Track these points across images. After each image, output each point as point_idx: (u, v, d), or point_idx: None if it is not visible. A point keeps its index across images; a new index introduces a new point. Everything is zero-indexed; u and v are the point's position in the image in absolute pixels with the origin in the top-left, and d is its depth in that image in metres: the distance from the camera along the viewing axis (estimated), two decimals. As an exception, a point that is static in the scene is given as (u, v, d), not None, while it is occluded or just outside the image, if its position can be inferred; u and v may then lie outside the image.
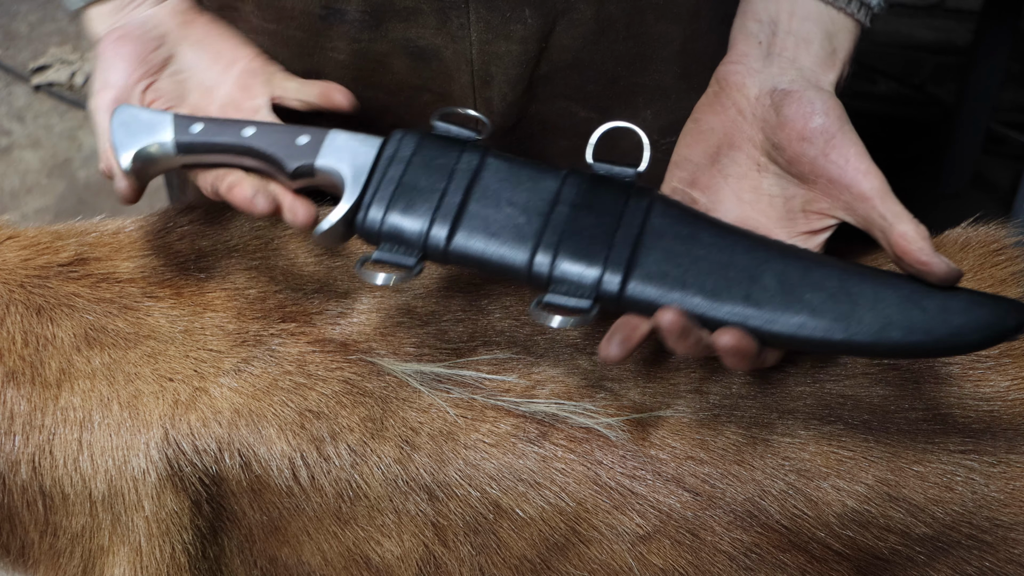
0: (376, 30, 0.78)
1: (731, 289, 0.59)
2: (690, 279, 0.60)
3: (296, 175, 0.66)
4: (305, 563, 0.71)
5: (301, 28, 0.79)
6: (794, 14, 0.66)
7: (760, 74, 0.66)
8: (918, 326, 0.57)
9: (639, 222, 0.62)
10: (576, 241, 0.61)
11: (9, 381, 0.69)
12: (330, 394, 0.68)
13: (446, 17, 0.76)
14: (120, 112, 0.67)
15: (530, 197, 0.63)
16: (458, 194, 0.63)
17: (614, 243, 0.61)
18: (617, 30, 0.79)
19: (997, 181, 2.20)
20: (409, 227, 0.63)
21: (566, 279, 0.61)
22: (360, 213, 0.64)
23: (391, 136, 0.66)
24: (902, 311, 0.58)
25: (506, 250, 0.62)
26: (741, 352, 0.58)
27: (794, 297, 0.59)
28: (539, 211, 0.62)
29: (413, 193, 0.63)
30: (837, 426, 0.67)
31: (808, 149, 0.63)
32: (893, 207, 0.60)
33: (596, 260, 0.61)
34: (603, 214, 0.62)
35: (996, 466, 0.66)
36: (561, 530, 0.67)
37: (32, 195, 2.25)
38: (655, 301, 0.60)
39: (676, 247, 0.61)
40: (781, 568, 0.66)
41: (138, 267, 0.74)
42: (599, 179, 0.64)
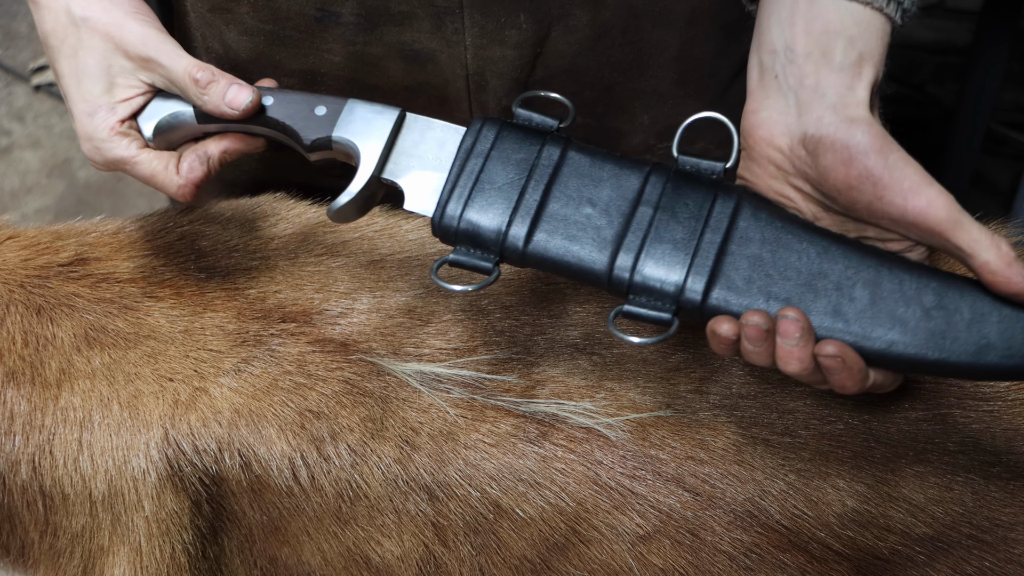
0: (371, 33, 0.78)
1: (819, 300, 0.56)
2: (776, 289, 0.57)
3: (313, 147, 0.66)
4: (305, 563, 0.71)
5: (296, 29, 0.79)
6: (811, 31, 0.60)
7: (785, 117, 0.60)
8: (1018, 349, 0.54)
9: (725, 226, 0.58)
10: (659, 246, 0.58)
11: (9, 381, 0.69)
12: (330, 394, 0.68)
13: (441, 22, 0.76)
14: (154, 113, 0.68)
15: (612, 195, 0.60)
16: (538, 191, 0.60)
17: (699, 249, 0.58)
18: (613, 36, 0.78)
19: (997, 181, 2.20)
20: (487, 226, 0.60)
21: (647, 286, 0.58)
22: (437, 210, 0.61)
23: (470, 126, 0.63)
24: (1001, 332, 0.54)
25: (586, 253, 0.59)
26: (846, 366, 0.55)
27: (886, 312, 0.55)
28: (621, 211, 0.60)
29: (492, 189, 0.61)
30: (837, 426, 0.67)
31: (859, 197, 0.57)
32: (967, 235, 0.55)
33: (679, 267, 0.58)
34: (688, 216, 0.59)
35: (996, 466, 0.66)
36: (561, 530, 0.67)
37: (32, 195, 2.26)
38: (739, 313, 0.57)
39: (763, 254, 0.58)
40: (781, 568, 0.66)
41: (138, 267, 0.74)
42: (684, 176, 0.61)
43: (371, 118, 0.65)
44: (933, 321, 0.55)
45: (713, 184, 0.60)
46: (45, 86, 2.44)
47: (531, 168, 0.61)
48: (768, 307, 0.56)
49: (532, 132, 0.63)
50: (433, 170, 0.64)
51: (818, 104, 0.59)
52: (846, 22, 0.60)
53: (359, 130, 0.65)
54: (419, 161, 0.64)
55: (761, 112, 0.61)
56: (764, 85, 0.62)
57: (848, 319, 0.56)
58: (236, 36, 0.81)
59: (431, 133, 0.65)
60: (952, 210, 0.55)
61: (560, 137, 0.62)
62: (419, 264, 0.75)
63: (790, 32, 0.60)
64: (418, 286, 0.74)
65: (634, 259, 0.58)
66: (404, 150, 0.65)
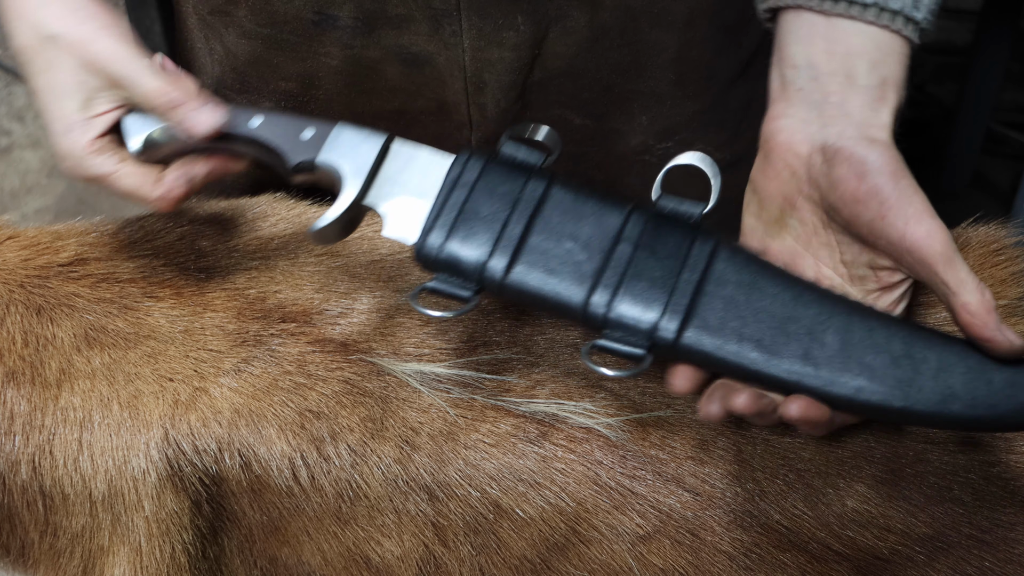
0: (368, 36, 0.78)
1: (790, 345, 0.57)
2: (748, 331, 0.58)
3: (297, 170, 0.65)
4: (305, 563, 0.71)
5: (294, 33, 0.79)
6: (833, 52, 0.60)
7: (808, 127, 0.61)
8: (981, 400, 0.55)
9: (702, 267, 0.59)
10: (636, 283, 0.59)
11: (9, 381, 0.69)
12: (330, 394, 0.68)
13: (438, 24, 0.76)
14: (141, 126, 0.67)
15: (592, 232, 0.61)
16: (519, 225, 0.61)
17: (675, 288, 0.59)
18: (611, 38, 0.78)
19: (997, 181, 2.20)
20: (467, 257, 0.61)
21: (622, 322, 0.59)
22: (420, 239, 0.62)
23: (457, 157, 0.64)
24: (966, 383, 0.55)
25: (563, 288, 0.60)
26: (811, 421, 0.57)
27: (854, 359, 0.57)
28: (600, 248, 0.60)
29: (474, 221, 0.61)
30: (837, 426, 0.67)
31: (863, 212, 0.58)
32: (956, 274, 0.56)
33: (654, 305, 0.59)
34: (666, 256, 0.60)
35: (996, 466, 0.66)
36: (561, 530, 0.67)
37: (32, 195, 2.25)
38: (711, 353, 0.58)
39: (738, 296, 0.59)
40: (781, 568, 0.66)
41: (138, 267, 0.74)
42: (664, 218, 0.62)
43: (357, 143, 0.64)
44: (900, 369, 0.56)
45: (693, 227, 0.61)
46: (45, 86, 2.44)
47: (515, 202, 0.62)
48: (740, 348, 0.58)
49: (517, 167, 0.63)
50: (415, 197, 0.64)
51: (842, 121, 0.60)
52: (867, 46, 0.60)
53: (344, 154, 0.64)
54: (402, 188, 0.64)
55: (784, 119, 0.62)
56: (787, 96, 0.62)
57: (818, 364, 0.57)
58: (235, 39, 0.81)
59: (416, 161, 0.65)
60: (948, 246, 0.56)
61: (545, 173, 0.63)
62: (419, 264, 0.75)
63: (811, 51, 0.61)
64: (418, 286, 0.73)
65: (611, 296, 0.59)
66: (388, 176, 0.65)
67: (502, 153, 0.64)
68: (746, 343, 0.58)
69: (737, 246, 0.61)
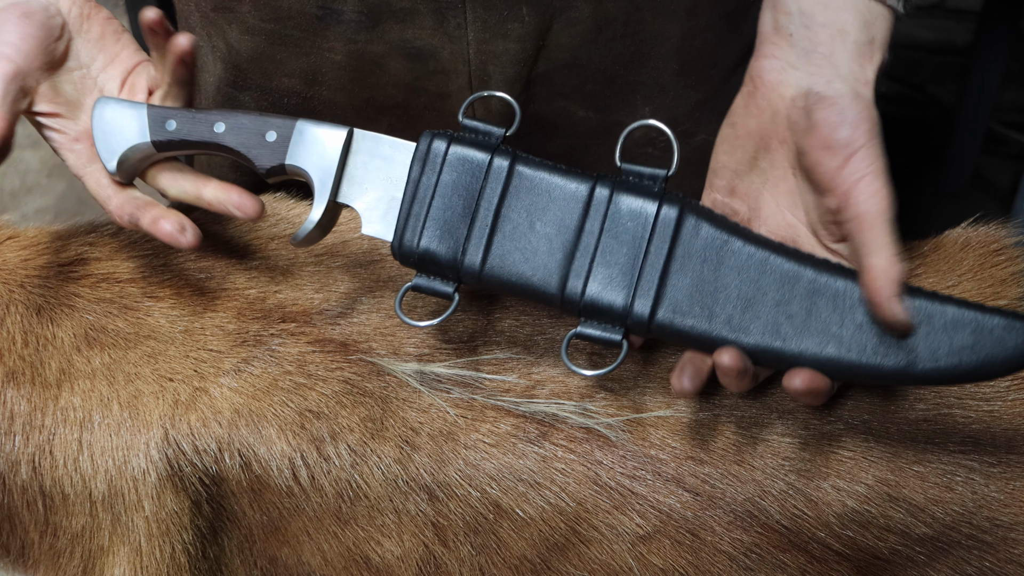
0: (373, 31, 0.78)
1: (759, 320, 0.59)
2: (718, 310, 0.59)
3: (269, 174, 0.66)
4: (305, 563, 0.71)
5: (298, 28, 0.78)
6: (828, 6, 0.63)
7: (796, 71, 0.63)
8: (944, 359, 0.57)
9: (667, 246, 0.60)
10: (605, 269, 0.61)
11: (9, 381, 0.69)
12: (330, 394, 0.68)
13: (443, 17, 0.76)
14: (100, 106, 0.66)
15: (560, 215, 0.62)
16: (490, 212, 0.62)
17: (643, 271, 0.60)
18: (614, 28, 0.78)
19: (997, 181, 2.20)
20: (443, 252, 0.62)
21: (596, 308, 0.61)
22: (395, 239, 0.63)
23: (419, 143, 0.64)
24: (928, 343, 0.57)
25: (538, 277, 0.61)
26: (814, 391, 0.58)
27: (822, 328, 0.58)
28: (569, 231, 0.62)
29: (444, 212, 0.62)
30: (837, 426, 0.67)
31: (828, 159, 0.60)
32: (879, 237, 0.57)
33: (625, 290, 0.60)
34: (631, 237, 0.61)
35: (996, 466, 0.66)
36: (561, 530, 0.67)
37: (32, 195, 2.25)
38: (685, 331, 0.60)
39: (705, 272, 0.60)
40: (781, 568, 0.66)
41: (138, 267, 0.74)
42: (627, 188, 0.62)
43: (320, 140, 0.65)
44: (865, 335, 0.58)
45: (655, 196, 0.62)
46: (45, 86, 2.43)
47: (482, 186, 0.63)
48: (711, 327, 0.59)
49: (480, 145, 0.64)
50: (384, 190, 0.65)
51: (830, 71, 0.62)
52: (860, 6, 0.63)
53: (309, 154, 0.65)
54: (371, 182, 0.65)
55: (773, 60, 0.64)
56: (778, 39, 0.64)
57: (786, 338, 0.59)
58: (238, 35, 0.80)
59: (379, 150, 0.65)
60: (886, 211, 0.58)
61: (507, 152, 0.63)
62: (419, 264, 0.75)
63: (806, 1, 0.63)
64: (418, 286, 0.74)
65: (583, 283, 0.61)
66: (356, 172, 0.65)
67: (463, 129, 0.65)
68: (716, 321, 0.59)
69: (701, 213, 0.62)
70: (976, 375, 0.57)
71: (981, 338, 0.56)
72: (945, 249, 0.74)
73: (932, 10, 2.30)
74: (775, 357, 0.59)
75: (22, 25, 0.66)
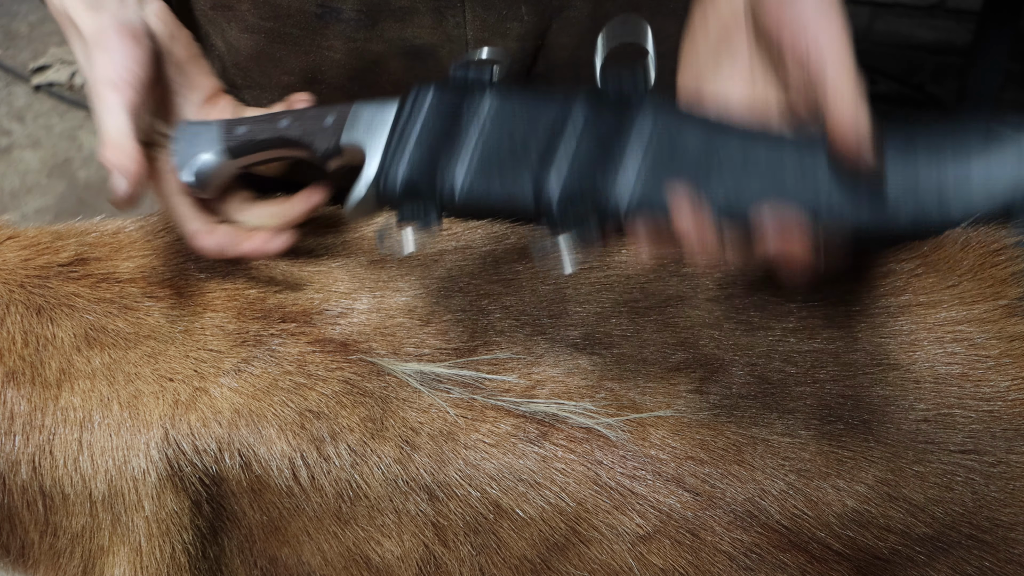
0: (372, 29, 0.78)
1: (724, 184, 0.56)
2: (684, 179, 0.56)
3: (325, 156, 0.67)
4: (305, 563, 0.71)
5: (297, 26, 0.79)
6: None
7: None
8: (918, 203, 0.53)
9: (646, 136, 0.58)
10: (577, 168, 0.59)
11: (9, 381, 0.69)
12: (330, 394, 0.68)
13: (442, 16, 0.76)
14: (181, 130, 0.69)
15: (541, 130, 0.61)
16: (470, 141, 0.61)
17: (620, 159, 0.58)
18: None
19: (997, 181, 2.20)
20: (425, 182, 0.61)
21: (571, 202, 0.58)
22: (381, 180, 0.63)
23: (407, 94, 0.64)
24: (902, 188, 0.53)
25: (517, 188, 0.60)
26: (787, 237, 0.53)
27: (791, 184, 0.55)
28: (547, 142, 0.60)
29: (428, 148, 0.62)
30: (837, 426, 0.67)
31: (786, 11, 0.57)
32: (838, 79, 0.53)
33: (599, 179, 0.58)
34: (606, 133, 0.59)
35: (996, 466, 0.66)
36: (561, 530, 0.67)
37: (32, 195, 2.26)
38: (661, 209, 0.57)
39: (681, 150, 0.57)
40: (781, 568, 0.66)
41: (138, 267, 0.74)
42: (606, 96, 0.61)
43: (374, 115, 0.66)
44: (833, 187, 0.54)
45: (629, 99, 0.60)
46: (45, 86, 2.43)
47: (464, 119, 0.62)
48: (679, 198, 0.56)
49: (465, 87, 0.63)
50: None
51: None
52: None
53: (364, 130, 0.66)
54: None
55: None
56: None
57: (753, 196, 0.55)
58: (237, 34, 0.81)
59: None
60: (842, 51, 0.54)
61: (492, 87, 0.63)
62: (419, 264, 0.75)
63: None
64: (418, 286, 0.74)
65: (561, 183, 0.59)
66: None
67: (451, 77, 0.64)
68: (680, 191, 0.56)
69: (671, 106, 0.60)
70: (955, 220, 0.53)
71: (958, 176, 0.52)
72: (945, 249, 0.74)
73: (932, 10, 2.30)
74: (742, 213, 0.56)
75: (133, 49, 0.65)
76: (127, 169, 0.62)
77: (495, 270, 0.74)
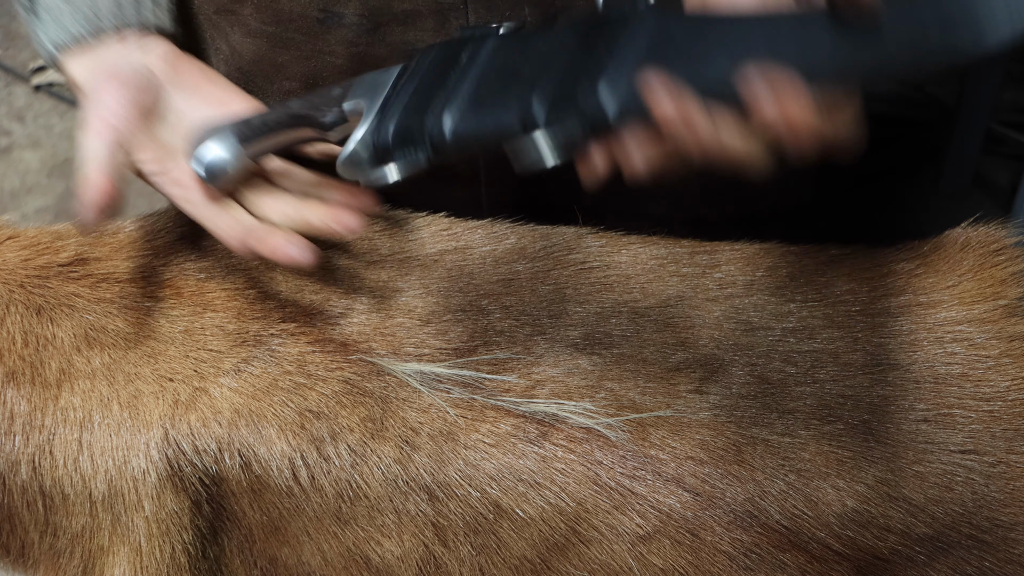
0: (374, 34, 0.78)
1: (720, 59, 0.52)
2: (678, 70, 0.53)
3: (332, 126, 0.67)
4: (305, 563, 0.71)
5: (299, 31, 0.79)
6: None
7: None
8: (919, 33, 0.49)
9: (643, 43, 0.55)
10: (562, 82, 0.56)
11: (9, 381, 0.69)
12: (330, 394, 0.68)
13: (445, 19, 0.76)
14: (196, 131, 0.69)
15: (531, 59, 0.59)
16: (464, 82, 0.60)
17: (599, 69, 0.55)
18: None
19: (997, 181, 2.20)
20: (417, 126, 0.60)
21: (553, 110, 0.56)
22: (375, 132, 0.62)
23: (412, 56, 0.65)
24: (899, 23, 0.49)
25: (502, 115, 0.57)
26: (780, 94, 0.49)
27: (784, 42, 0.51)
28: (538, 68, 0.58)
29: (422, 95, 0.61)
30: (837, 426, 0.67)
31: None
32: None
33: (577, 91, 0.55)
34: (593, 45, 0.56)
35: (996, 466, 0.66)
36: (561, 530, 0.67)
37: (32, 195, 2.26)
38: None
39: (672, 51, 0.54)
40: (781, 568, 0.66)
41: (138, 267, 0.74)
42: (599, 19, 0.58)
43: (376, 79, 0.65)
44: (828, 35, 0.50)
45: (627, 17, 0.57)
46: (45, 86, 2.43)
47: (462, 64, 0.61)
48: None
49: (464, 40, 0.62)
50: None
51: None
52: None
53: (365, 93, 0.65)
54: None
55: None
56: None
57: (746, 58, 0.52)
58: (240, 38, 0.81)
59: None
60: None
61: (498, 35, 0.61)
62: (419, 264, 0.75)
63: None
64: (418, 286, 0.74)
65: (547, 99, 0.56)
66: None
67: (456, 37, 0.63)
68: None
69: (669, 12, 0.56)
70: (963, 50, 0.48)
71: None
72: (945, 249, 0.74)
73: (932, 10, 2.30)
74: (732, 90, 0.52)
75: (119, 92, 0.69)
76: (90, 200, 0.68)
77: (495, 270, 0.74)
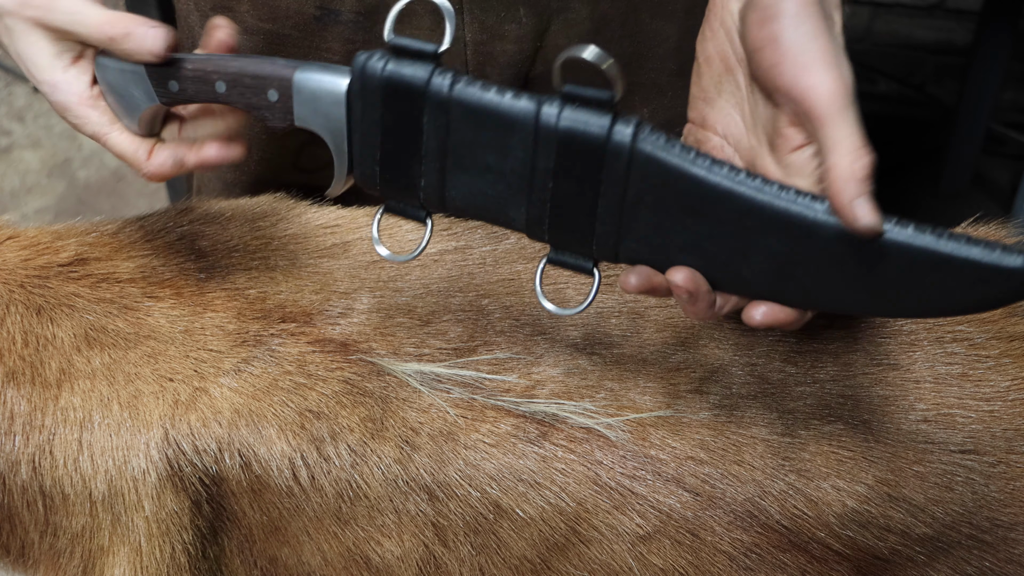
0: (370, 31, 0.78)
1: (724, 268, 0.55)
2: (678, 239, 0.56)
3: (281, 131, 0.65)
4: (305, 563, 0.71)
5: (296, 28, 0.79)
6: None
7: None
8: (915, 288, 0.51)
9: (621, 179, 0.56)
10: (563, 210, 0.57)
11: (9, 381, 0.69)
12: (330, 394, 0.68)
13: (441, 17, 0.76)
14: (100, 70, 0.65)
15: (508, 157, 0.58)
16: (437, 137, 0.59)
17: (600, 205, 0.57)
18: (612, 29, 0.79)
19: (997, 181, 2.21)
20: (403, 181, 0.60)
21: (563, 240, 0.58)
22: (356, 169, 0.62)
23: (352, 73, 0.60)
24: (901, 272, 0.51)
25: (500, 207, 0.59)
26: (779, 324, 0.54)
27: (786, 276, 0.54)
28: (519, 174, 0.58)
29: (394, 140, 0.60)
30: (837, 426, 0.67)
31: (763, 59, 0.55)
32: (836, 131, 0.51)
33: (587, 226, 0.57)
34: (584, 173, 0.57)
35: (996, 466, 0.66)
36: (561, 530, 0.67)
37: (32, 195, 2.26)
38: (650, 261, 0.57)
39: (661, 219, 0.56)
40: (781, 568, 0.66)
41: (138, 267, 0.74)
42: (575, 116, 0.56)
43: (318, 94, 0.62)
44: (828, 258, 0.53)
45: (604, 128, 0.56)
46: (45, 86, 2.44)
47: (424, 110, 0.59)
48: (669, 255, 0.56)
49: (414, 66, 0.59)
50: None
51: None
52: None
53: (315, 114, 0.62)
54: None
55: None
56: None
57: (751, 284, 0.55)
58: (237, 35, 0.81)
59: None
60: (837, 100, 0.52)
61: (442, 70, 0.59)
62: (419, 264, 0.75)
63: None
64: (418, 286, 0.74)
65: (547, 220, 0.58)
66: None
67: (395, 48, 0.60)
68: (673, 248, 0.56)
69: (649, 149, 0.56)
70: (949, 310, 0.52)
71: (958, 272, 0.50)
72: (945, 249, 0.74)
73: (932, 10, 2.30)
74: (732, 281, 0.55)
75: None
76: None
77: (495, 270, 0.74)
